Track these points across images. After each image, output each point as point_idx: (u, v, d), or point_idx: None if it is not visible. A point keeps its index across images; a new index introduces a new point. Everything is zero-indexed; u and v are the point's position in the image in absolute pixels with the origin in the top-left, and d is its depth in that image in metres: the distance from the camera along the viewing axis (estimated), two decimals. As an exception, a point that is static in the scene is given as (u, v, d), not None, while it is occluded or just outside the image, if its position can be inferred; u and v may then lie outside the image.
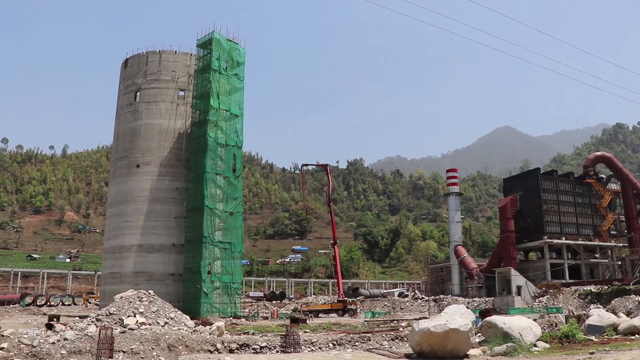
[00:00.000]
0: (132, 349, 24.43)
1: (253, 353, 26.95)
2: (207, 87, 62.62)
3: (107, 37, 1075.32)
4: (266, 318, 62.15)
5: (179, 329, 30.32)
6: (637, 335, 29.03)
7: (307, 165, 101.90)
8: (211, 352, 26.03)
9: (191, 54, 67.64)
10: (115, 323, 28.77)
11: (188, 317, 35.22)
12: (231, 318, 54.39)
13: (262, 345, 27.95)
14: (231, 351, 26.78)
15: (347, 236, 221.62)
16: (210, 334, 30.31)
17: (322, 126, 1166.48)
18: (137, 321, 29.23)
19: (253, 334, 33.63)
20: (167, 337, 26.26)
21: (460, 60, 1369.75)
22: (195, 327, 33.08)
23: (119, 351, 23.86)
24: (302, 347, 28.10)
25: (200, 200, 59.98)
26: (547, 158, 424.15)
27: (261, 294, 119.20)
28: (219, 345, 27.02)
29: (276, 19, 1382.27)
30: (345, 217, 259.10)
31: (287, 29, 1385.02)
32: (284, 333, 28.66)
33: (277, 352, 27.35)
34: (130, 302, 31.75)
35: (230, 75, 65.89)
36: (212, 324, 35.40)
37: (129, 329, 27.73)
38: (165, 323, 31.11)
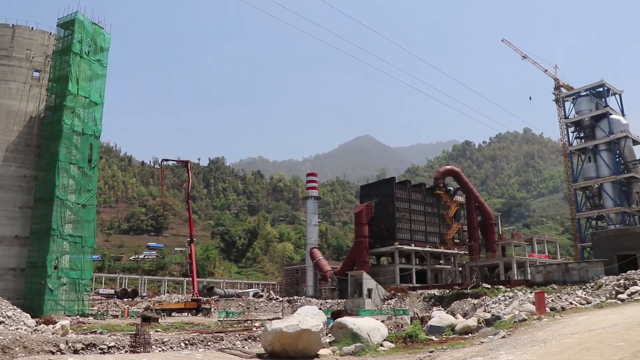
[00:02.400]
0: (-42, 350, 22.41)
1: (100, 353, 25.79)
2: (66, 71, 59.56)
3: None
4: (116, 316, 60.38)
5: (17, 329, 28.41)
6: (470, 334, 31.54)
7: (167, 160, 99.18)
8: (53, 353, 24.55)
9: (50, 33, 63.77)
10: (-58, 321, 26.29)
11: (29, 315, 33.30)
12: (78, 316, 52.40)
13: (110, 345, 26.84)
14: (76, 352, 25.44)
15: (204, 234, 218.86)
16: (53, 334, 28.64)
17: (187, 123, 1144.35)
18: (-32, 319, 26.94)
19: (101, 333, 32.25)
20: (1, 337, 24.36)
21: (324, 67, 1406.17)
22: (36, 326, 31.18)
23: (-60, 354, 21.77)
24: (153, 346, 27.37)
25: (50, 190, 56.80)
26: (402, 168, 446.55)
27: (112, 291, 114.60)
28: (62, 346, 25.57)
29: (152, 10, 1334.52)
30: (204, 216, 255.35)
31: (159, 21, 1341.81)
32: (134, 332, 27.81)
33: (126, 352, 26.38)
34: (-38, 298, 29.19)
35: (93, 60, 63.05)
36: (56, 322, 33.51)
37: (-42, 327, 25.47)
38: (1, 322, 28.99)
